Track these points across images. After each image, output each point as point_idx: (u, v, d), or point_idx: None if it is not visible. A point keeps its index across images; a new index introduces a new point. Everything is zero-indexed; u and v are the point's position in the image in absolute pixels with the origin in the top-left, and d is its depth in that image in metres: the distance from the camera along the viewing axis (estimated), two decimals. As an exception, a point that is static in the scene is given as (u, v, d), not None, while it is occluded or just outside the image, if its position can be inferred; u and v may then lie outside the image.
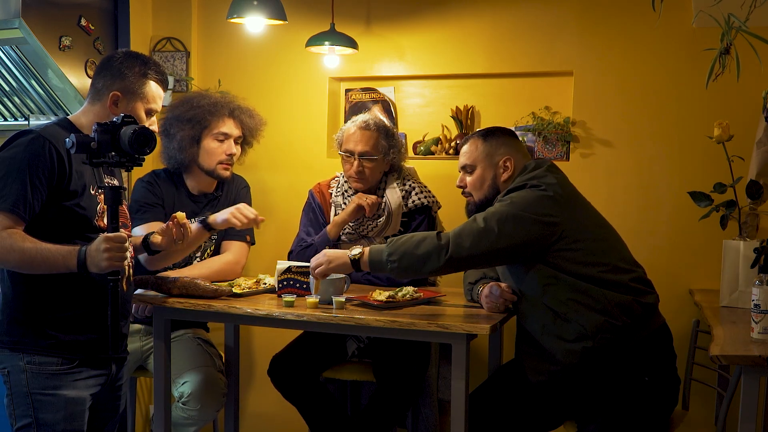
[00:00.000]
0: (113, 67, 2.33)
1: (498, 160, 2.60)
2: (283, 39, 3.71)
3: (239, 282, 2.87)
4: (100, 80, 2.33)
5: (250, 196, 3.28)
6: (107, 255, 2.06)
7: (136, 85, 2.33)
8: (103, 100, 2.31)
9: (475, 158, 2.63)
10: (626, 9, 3.26)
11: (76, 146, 2.06)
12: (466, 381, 2.43)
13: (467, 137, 2.71)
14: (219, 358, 3.12)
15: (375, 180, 3.12)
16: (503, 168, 2.60)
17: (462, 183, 2.68)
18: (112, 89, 2.31)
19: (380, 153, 3.07)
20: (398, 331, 2.47)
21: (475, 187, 2.64)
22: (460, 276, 3.35)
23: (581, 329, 2.36)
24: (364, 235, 3.09)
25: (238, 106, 3.17)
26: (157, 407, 2.82)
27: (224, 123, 3.10)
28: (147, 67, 2.36)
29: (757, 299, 2.20)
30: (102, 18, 3.60)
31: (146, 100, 2.35)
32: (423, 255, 2.40)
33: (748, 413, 2.09)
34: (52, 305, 2.21)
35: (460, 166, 2.69)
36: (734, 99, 3.07)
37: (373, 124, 3.09)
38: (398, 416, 2.99)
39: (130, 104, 2.32)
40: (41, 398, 2.18)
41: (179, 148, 3.07)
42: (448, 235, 2.42)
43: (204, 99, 3.15)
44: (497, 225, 2.38)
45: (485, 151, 2.62)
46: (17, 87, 3.57)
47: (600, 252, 2.44)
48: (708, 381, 2.88)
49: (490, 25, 3.46)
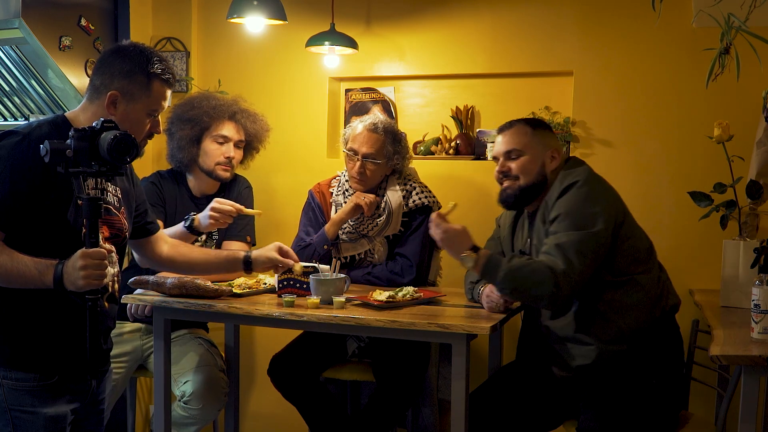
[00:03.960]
0: (113, 64, 2.10)
1: (548, 150, 2.58)
2: (283, 39, 3.71)
3: (239, 282, 2.87)
4: (98, 77, 2.12)
5: (252, 197, 3.28)
6: (84, 273, 1.87)
7: (136, 85, 2.10)
8: (102, 99, 2.09)
9: (525, 144, 2.58)
10: (626, 9, 3.26)
11: (50, 154, 1.85)
12: (466, 381, 2.43)
13: (509, 124, 2.65)
14: (220, 358, 3.12)
15: (375, 182, 3.11)
16: (550, 158, 2.58)
17: (505, 168, 2.61)
18: (110, 88, 2.08)
19: (384, 157, 3.07)
20: (398, 331, 2.47)
21: (525, 171, 2.57)
22: (460, 276, 3.35)
23: (618, 330, 2.38)
24: (365, 234, 3.09)
25: (240, 110, 3.16)
26: (157, 407, 2.82)
27: (224, 126, 3.11)
28: (150, 65, 2.11)
29: (757, 299, 2.19)
30: (102, 18, 3.60)
31: (148, 102, 2.12)
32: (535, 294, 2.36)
33: (748, 413, 2.09)
34: (29, 320, 2.04)
35: (502, 151, 2.62)
36: (734, 99, 3.07)
37: (382, 127, 3.08)
38: (398, 416, 2.99)
39: (129, 105, 2.10)
40: (20, 415, 2.02)
41: (178, 147, 3.10)
42: (561, 269, 2.33)
43: (206, 101, 3.15)
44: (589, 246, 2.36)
45: (536, 139, 2.59)
46: (17, 87, 3.57)
47: (644, 251, 2.47)
48: (708, 381, 2.88)
49: (490, 25, 3.46)
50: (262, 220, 3.53)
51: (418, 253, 3.02)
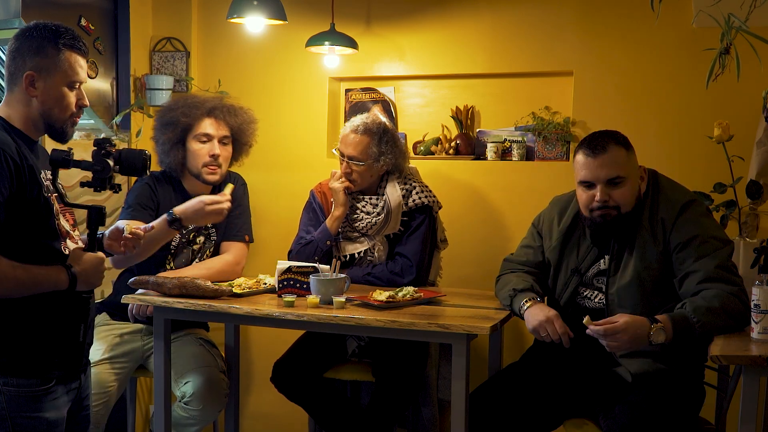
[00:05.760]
0: (22, 47, 2.09)
1: (639, 170, 2.47)
2: (283, 39, 3.71)
3: (239, 282, 2.87)
4: (11, 63, 2.10)
5: (247, 195, 3.26)
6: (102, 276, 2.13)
7: (49, 59, 2.08)
8: (20, 84, 2.08)
9: (627, 169, 2.42)
10: (626, 9, 3.26)
11: None
12: (466, 381, 2.43)
13: (602, 147, 2.42)
14: (221, 359, 3.12)
15: (366, 183, 3.11)
16: (641, 178, 2.48)
17: (606, 197, 2.41)
18: (24, 70, 2.07)
19: (369, 158, 3.05)
20: (398, 331, 2.47)
21: (626, 200, 2.42)
22: (460, 276, 3.34)
23: None
24: (364, 233, 3.09)
25: (219, 105, 3.12)
26: (157, 407, 2.82)
27: (204, 123, 3.08)
28: (57, 36, 2.10)
29: (757, 299, 2.19)
30: (102, 18, 3.60)
31: (64, 73, 2.09)
32: None
33: (748, 413, 2.09)
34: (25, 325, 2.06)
35: (604, 178, 2.41)
36: (734, 99, 3.07)
37: (363, 129, 3.06)
38: (398, 415, 2.99)
39: (47, 81, 2.08)
40: (21, 422, 2.03)
41: (164, 151, 3.10)
42: (738, 288, 2.32)
43: (183, 100, 3.12)
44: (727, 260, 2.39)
45: (632, 161, 2.45)
46: (17, 87, 3.57)
47: None
48: (708, 381, 2.88)
49: (490, 25, 3.46)
50: (261, 221, 3.53)
51: (419, 252, 3.02)
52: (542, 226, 2.72)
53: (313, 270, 2.73)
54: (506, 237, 3.41)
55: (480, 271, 3.41)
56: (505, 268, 2.76)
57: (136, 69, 3.75)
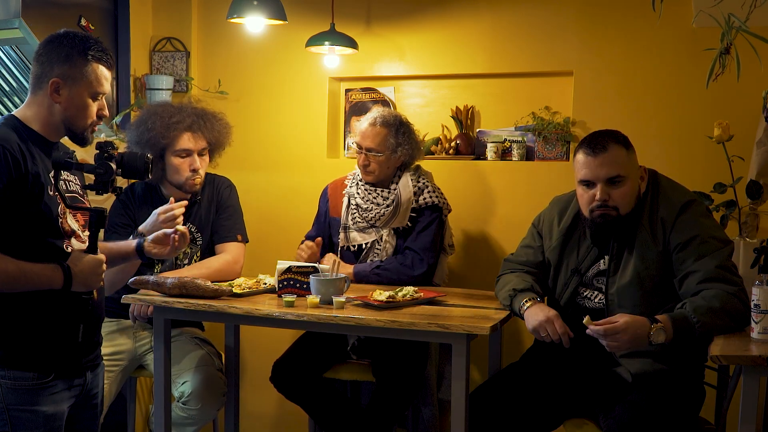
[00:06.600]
0: (51, 53, 2.13)
1: (639, 170, 2.46)
2: (283, 39, 3.71)
3: (239, 282, 2.87)
4: (38, 67, 2.14)
5: (235, 196, 3.24)
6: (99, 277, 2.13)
7: (76, 69, 2.12)
8: (44, 89, 2.12)
9: (627, 168, 2.41)
10: (626, 9, 3.26)
11: None
12: (466, 381, 2.43)
13: (602, 146, 2.41)
14: (218, 357, 3.11)
15: (383, 174, 3.14)
16: (641, 178, 2.48)
17: (605, 196, 2.41)
18: (51, 76, 2.11)
19: (387, 150, 3.10)
20: (398, 331, 2.47)
21: (626, 200, 2.42)
22: (460, 276, 3.34)
23: None
24: (373, 224, 3.11)
25: (195, 120, 3.10)
26: (157, 407, 2.82)
27: (182, 139, 3.06)
28: (87, 47, 2.13)
29: (757, 299, 2.19)
30: (102, 18, 3.60)
31: (89, 83, 2.14)
32: None
33: (748, 413, 2.09)
34: (24, 319, 2.09)
35: (604, 177, 2.41)
36: (734, 99, 3.07)
37: (381, 121, 3.12)
38: (398, 415, 3.00)
39: (72, 90, 2.13)
40: (18, 414, 2.06)
41: None
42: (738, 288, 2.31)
43: (159, 119, 3.06)
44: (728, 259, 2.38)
45: (633, 160, 2.44)
46: (17, 87, 3.57)
47: None
48: (708, 381, 2.88)
49: (490, 25, 3.46)
50: (261, 220, 3.53)
51: (429, 248, 3.05)
52: (542, 226, 2.71)
53: (313, 270, 2.73)
54: (506, 237, 3.41)
55: (480, 271, 3.42)
56: (505, 268, 2.76)
57: (136, 69, 3.75)
